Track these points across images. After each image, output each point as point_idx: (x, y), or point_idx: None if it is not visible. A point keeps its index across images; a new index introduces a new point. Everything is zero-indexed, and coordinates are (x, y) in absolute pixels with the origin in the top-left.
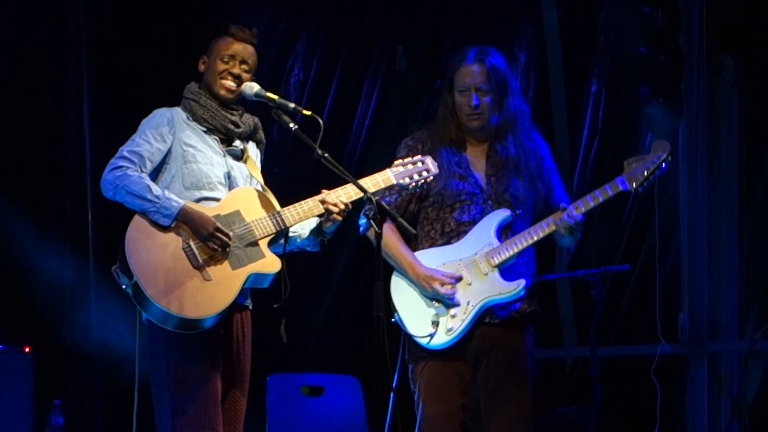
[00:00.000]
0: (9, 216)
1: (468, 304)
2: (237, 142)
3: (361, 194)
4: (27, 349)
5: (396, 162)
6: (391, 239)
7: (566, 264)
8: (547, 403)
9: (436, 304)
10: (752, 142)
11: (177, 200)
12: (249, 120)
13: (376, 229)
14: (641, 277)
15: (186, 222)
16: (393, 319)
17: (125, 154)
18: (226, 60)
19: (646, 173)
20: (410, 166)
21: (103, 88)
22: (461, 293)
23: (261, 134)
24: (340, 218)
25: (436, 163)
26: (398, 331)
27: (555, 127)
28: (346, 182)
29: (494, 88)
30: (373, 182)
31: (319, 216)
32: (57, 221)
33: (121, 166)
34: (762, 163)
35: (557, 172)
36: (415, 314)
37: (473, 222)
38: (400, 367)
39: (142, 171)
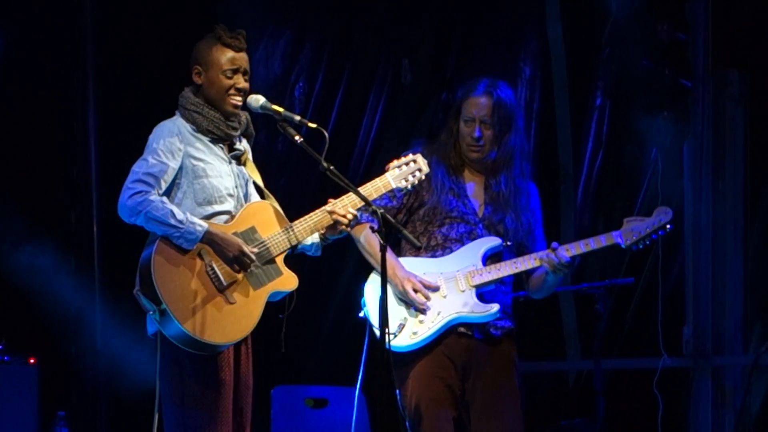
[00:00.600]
0: (14, 228)
1: (438, 314)
2: (237, 144)
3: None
4: (32, 361)
5: (392, 164)
6: (373, 239)
7: (570, 277)
8: (551, 416)
9: (407, 307)
10: (757, 156)
11: (201, 224)
12: (242, 118)
13: (381, 241)
14: (645, 291)
15: (210, 244)
16: (361, 314)
17: (141, 177)
18: (229, 75)
19: (643, 234)
20: (404, 167)
21: (109, 99)
22: (434, 302)
23: (252, 128)
24: (348, 229)
25: (426, 162)
26: (366, 331)
27: (559, 140)
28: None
29: (498, 123)
30: (375, 188)
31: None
32: (62, 233)
33: (140, 191)
34: (767, 176)
35: (542, 227)
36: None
37: (460, 240)
38: (363, 374)
39: (159, 193)
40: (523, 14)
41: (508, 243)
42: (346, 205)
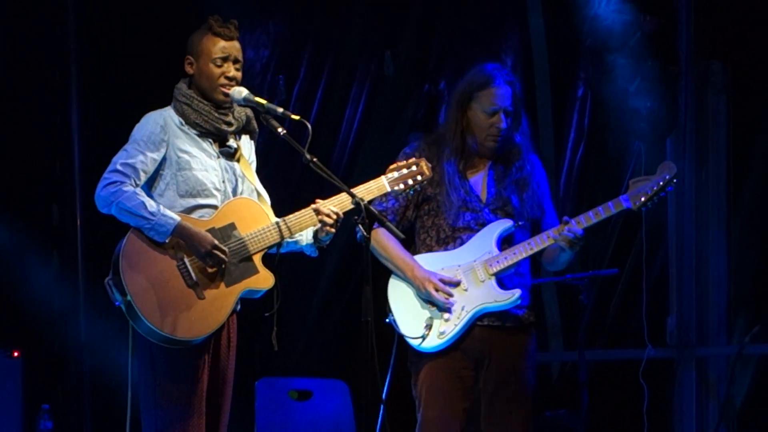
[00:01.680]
0: None
1: (462, 309)
2: (231, 141)
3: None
4: (16, 354)
5: (391, 167)
6: (388, 242)
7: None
8: (535, 408)
9: (431, 307)
10: (740, 148)
11: (173, 216)
12: (241, 114)
13: (365, 233)
14: (629, 282)
15: (182, 239)
16: (387, 320)
17: (118, 167)
18: (219, 63)
19: (650, 193)
20: (404, 170)
21: (92, 94)
22: (457, 298)
23: (254, 124)
24: (333, 230)
25: (430, 165)
26: (392, 334)
27: (540, 132)
28: (337, 189)
29: (517, 111)
30: (367, 190)
31: (314, 226)
32: (45, 227)
33: (114, 182)
34: (750, 167)
35: (550, 198)
36: (409, 315)
37: (468, 228)
38: (392, 373)
39: (136, 184)
40: (504, 5)
41: (520, 223)
42: (332, 206)
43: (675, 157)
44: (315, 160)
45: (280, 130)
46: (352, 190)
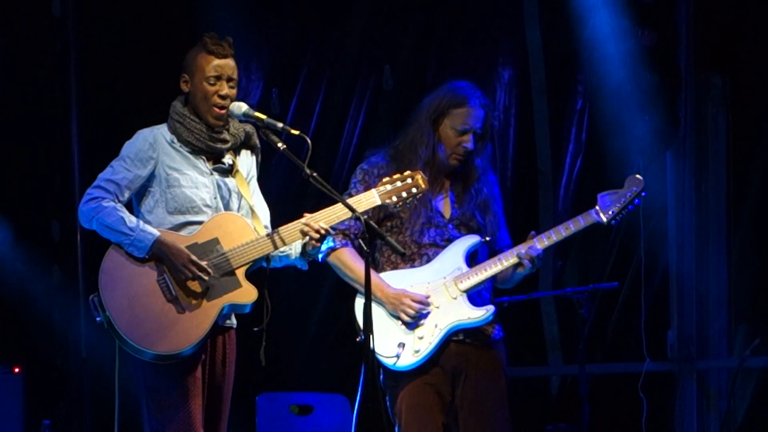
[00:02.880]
0: None
1: (436, 326)
2: (227, 157)
3: (343, 217)
4: (17, 370)
5: (384, 179)
6: (354, 262)
7: (551, 282)
8: (536, 422)
9: (404, 327)
10: (740, 160)
11: (152, 232)
12: (239, 131)
13: (365, 248)
14: (629, 295)
15: (161, 253)
16: (358, 339)
17: (101, 183)
18: (212, 82)
19: (620, 206)
20: (398, 183)
21: (92, 108)
22: (429, 316)
23: (255, 140)
24: (318, 244)
25: (426, 179)
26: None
27: (538, 144)
28: (331, 201)
29: (485, 134)
30: (357, 202)
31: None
32: (45, 242)
33: (96, 197)
34: (750, 180)
35: (503, 216)
36: (381, 335)
37: (434, 244)
38: (363, 389)
39: (118, 200)
40: (501, 19)
41: (487, 239)
42: (319, 220)
43: (675, 170)
44: (315, 174)
45: (279, 144)
46: (337, 205)
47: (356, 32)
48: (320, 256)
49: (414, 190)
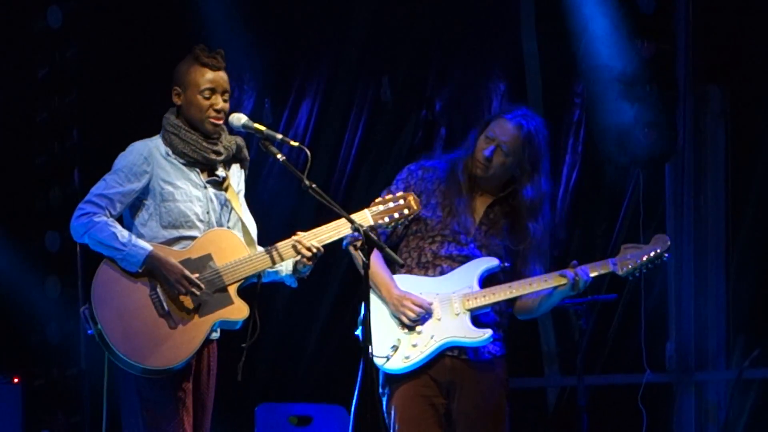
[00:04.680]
0: None
1: (432, 338)
2: (219, 170)
3: (335, 237)
4: (16, 380)
5: (376, 200)
6: (373, 260)
7: None
8: None
9: (401, 330)
10: (738, 172)
11: (144, 246)
12: (231, 143)
13: (364, 259)
14: (628, 307)
15: (153, 268)
16: (356, 332)
17: (93, 198)
18: (207, 95)
19: (639, 263)
20: (391, 204)
21: (92, 121)
22: (429, 326)
23: (245, 153)
24: (311, 263)
25: (419, 201)
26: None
27: None
28: (329, 213)
29: (524, 160)
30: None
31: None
32: (45, 253)
33: (87, 212)
34: (748, 192)
35: (537, 254)
36: (378, 334)
37: (450, 258)
38: (359, 393)
39: (110, 214)
40: (498, 30)
41: (506, 265)
42: (311, 239)
43: (673, 182)
44: (314, 186)
45: (279, 156)
46: (330, 224)
47: (355, 44)
48: (344, 242)
49: (406, 211)
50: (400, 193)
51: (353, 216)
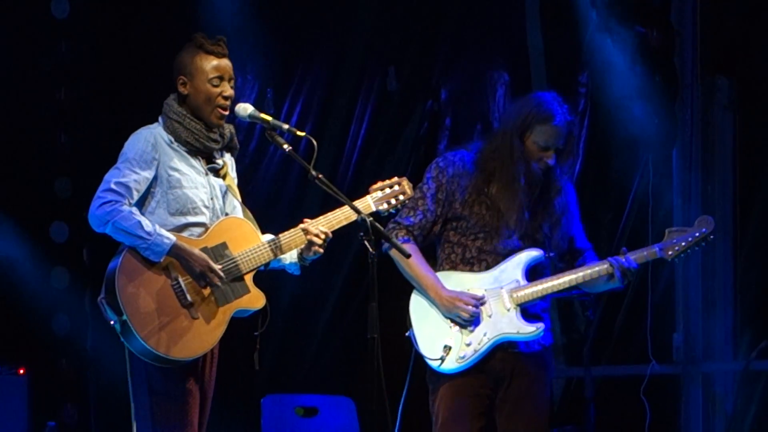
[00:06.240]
0: (2, 239)
1: (484, 335)
2: (217, 157)
3: (343, 222)
4: (22, 371)
5: (374, 186)
6: (413, 258)
7: None
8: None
9: (453, 329)
10: (746, 163)
11: (168, 236)
12: (225, 131)
13: (371, 249)
14: (635, 298)
15: (178, 258)
16: (407, 334)
17: (113, 186)
18: (215, 83)
19: (684, 245)
20: (387, 190)
21: (99, 112)
22: (481, 323)
23: (236, 141)
24: (321, 250)
25: (411, 185)
26: (402, 349)
27: None
28: (335, 202)
29: (567, 149)
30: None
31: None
32: (51, 244)
33: (110, 201)
34: (756, 182)
35: (579, 221)
36: (429, 335)
37: (495, 252)
38: (408, 387)
39: (130, 203)
40: (504, 21)
41: (551, 255)
42: (320, 225)
43: (681, 172)
44: (321, 176)
45: (285, 146)
46: (336, 210)
47: (361, 33)
48: (384, 247)
49: (401, 197)
50: (394, 178)
51: (356, 203)
